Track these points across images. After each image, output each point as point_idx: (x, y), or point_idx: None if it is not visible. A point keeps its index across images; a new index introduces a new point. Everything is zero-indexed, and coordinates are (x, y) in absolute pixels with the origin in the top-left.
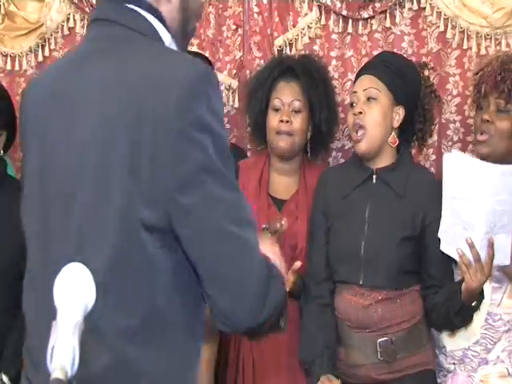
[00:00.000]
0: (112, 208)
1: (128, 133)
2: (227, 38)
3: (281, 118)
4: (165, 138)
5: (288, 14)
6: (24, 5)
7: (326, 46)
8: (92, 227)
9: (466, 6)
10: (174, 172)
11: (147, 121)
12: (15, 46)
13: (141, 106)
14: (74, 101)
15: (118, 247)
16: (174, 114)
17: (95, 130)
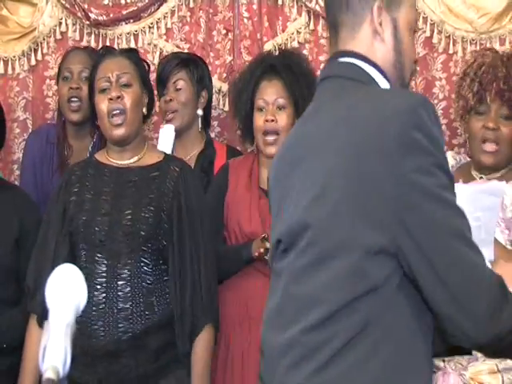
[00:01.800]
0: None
1: (348, 170)
2: (217, 43)
3: (266, 117)
4: (390, 169)
5: (277, 19)
6: (16, 9)
7: (315, 51)
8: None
9: (451, 11)
10: (399, 199)
11: (369, 156)
12: (8, 49)
13: (361, 144)
14: (303, 149)
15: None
16: (393, 144)
17: (320, 171)
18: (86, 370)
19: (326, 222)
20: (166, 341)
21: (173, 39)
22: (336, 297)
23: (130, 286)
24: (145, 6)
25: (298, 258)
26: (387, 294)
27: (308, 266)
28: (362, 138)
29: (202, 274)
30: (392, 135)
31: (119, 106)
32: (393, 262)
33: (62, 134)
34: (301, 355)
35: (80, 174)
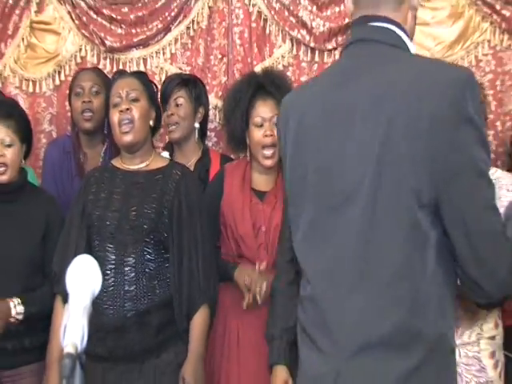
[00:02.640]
0: (396, 193)
1: (405, 132)
2: (214, 66)
3: (265, 133)
4: (441, 133)
5: (265, 46)
6: (43, 37)
7: (297, 73)
8: (379, 211)
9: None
10: (447, 160)
11: (424, 119)
12: (36, 72)
13: (416, 107)
14: (349, 112)
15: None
16: (448, 112)
17: (374, 133)
18: (97, 343)
19: (390, 174)
20: (166, 319)
21: (176, 63)
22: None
23: (135, 272)
24: (153, 35)
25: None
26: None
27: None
28: (414, 106)
29: (199, 262)
30: (450, 102)
31: (128, 117)
32: (436, 219)
33: (77, 143)
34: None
35: (97, 177)
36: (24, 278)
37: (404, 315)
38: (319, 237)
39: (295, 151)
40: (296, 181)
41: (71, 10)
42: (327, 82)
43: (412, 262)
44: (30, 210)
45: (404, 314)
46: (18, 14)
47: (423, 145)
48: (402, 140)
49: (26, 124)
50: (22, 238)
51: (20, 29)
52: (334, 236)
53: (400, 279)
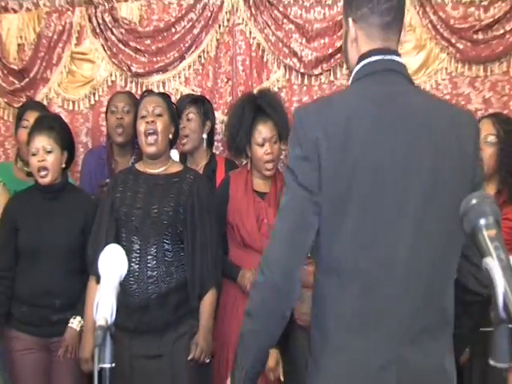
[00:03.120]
0: (448, 198)
1: (455, 150)
2: (221, 88)
3: (266, 151)
4: (471, 160)
5: (263, 71)
6: (81, 65)
7: (290, 94)
8: (428, 210)
9: None
10: (474, 179)
11: (464, 144)
12: (75, 93)
13: (458, 132)
14: (398, 126)
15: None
16: (474, 143)
17: (424, 146)
18: (125, 318)
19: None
20: (182, 299)
21: (189, 85)
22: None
23: (156, 260)
24: (170, 62)
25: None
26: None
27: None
28: (457, 131)
29: (208, 252)
30: (473, 137)
31: (152, 127)
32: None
33: (110, 152)
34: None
35: (123, 178)
36: (66, 262)
37: (442, 306)
38: (370, 238)
39: (340, 159)
40: (342, 179)
41: (104, 42)
42: (365, 103)
43: (452, 267)
44: (71, 207)
45: (442, 305)
46: (61, 46)
47: (459, 173)
48: (448, 171)
49: (67, 135)
50: (64, 230)
51: (62, 58)
52: (386, 239)
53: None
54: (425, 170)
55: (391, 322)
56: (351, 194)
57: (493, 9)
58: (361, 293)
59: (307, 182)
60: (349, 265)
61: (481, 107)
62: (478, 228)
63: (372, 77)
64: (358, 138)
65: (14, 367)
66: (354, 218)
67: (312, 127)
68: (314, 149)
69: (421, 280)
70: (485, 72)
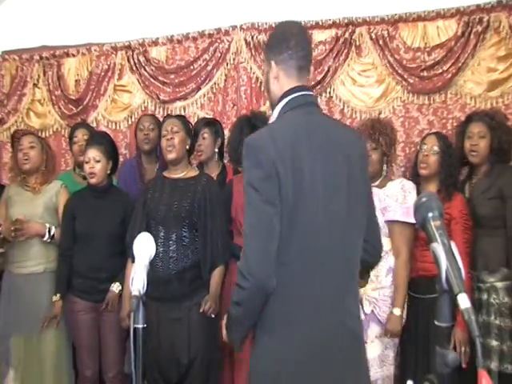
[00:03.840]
0: (361, 197)
1: (359, 162)
2: (228, 111)
3: None
4: (365, 168)
5: (261, 99)
6: (122, 95)
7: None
8: (354, 205)
9: (354, 95)
10: (367, 181)
11: (361, 157)
12: (116, 117)
13: (356, 149)
14: (317, 146)
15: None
16: (365, 155)
17: (342, 158)
18: (153, 289)
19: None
20: (196, 275)
21: (204, 110)
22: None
23: (176, 244)
24: (189, 92)
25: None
26: None
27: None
28: (356, 148)
29: (217, 238)
30: (364, 151)
31: (171, 143)
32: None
33: (140, 161)
34: None
35: (153, 183)
36: (110, 245)
37: (356, 275)
38: (314, 232)
39: (293, 172)
40: (294, 191)
41: (138, 77)
42: (300, 130)
43: (360, 248)
44: (114, 203)
45: (356, 275)
46: (107, 81)
47: (365, 183)
48: (358, 178)
49: (112, 148)
50: (108, 220)
51: (108, 90)
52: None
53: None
54: (345, 182)
55: (332, 293)
56: (299, 205)
57: (434, 54)
58: (307, 273)
59: (272, 198)
60: (297, 259)
61: (426, 127)
62: (427, 220)
63: (299, 109)
64: (302, 157)
65: (73, 324)
66: (302, 222)
67: (269, 151)
68: (273, 169)
69: (348, 259)
70: (429, 101)
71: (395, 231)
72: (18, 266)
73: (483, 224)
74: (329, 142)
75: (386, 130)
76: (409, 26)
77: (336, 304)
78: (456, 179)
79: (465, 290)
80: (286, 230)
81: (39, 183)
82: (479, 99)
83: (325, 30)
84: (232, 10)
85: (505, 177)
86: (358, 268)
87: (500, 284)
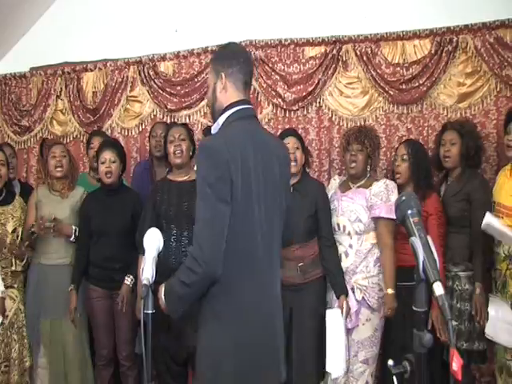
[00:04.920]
0: (284, 192)
1: (284, 167)
2: None
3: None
4: (289, 174)
5: (257, 108)
6: (133, 105)
7: (276, 123)
8: (273, 206)
9: (341, 105)
10: (288, 179)
11: (285, 159)
12: (129, 124)
13: (281, 152)
14: (258, 151)
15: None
16: (288, 157)
17: (275, 160)
18: (161, 277)
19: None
20: None
21: (207, 118)
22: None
23: (188, 240)
24: (193, 102)
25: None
26: None
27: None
28: (284, 155)
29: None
30: (287, 158)
31: (179, 149)
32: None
33: (151, 164)
34: None
35: (161, 185)
36: (122, 237)
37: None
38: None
39: (242, 173)
40: (242, 192)
41: (148, 89)
42: (248, 139)
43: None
44: (124, 200)
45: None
46: (120, 92)
47: (286, 178)
48: (283, 181)
49: (122, 152)
50: (120, 215)
51: (121, 100)
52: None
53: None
54: (277, 176)
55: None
56: (245, 204)
57: (411, 69)
58: (248, 263)
59: (225, 196)
60: (241, 246)
61: (405, 134)
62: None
63: (244, 119)
64: (248, 160)
65: (91, 309)
66: (247, 221)
67: (223, 154)
68: (227, 170)
69: (278, 249)
70: (407, 110)
71: (381, 226)
72: (45, 257)
73: (452, 223)
74: (266, 148)
75: (371, 135)
76: (389, 44)
77: (270, 287)
78: (429, 180)
79: (440, 279)
80: (235, 224)
81: (67, 189)
82: (451, 110)
83: (315, 47)
84: (232, 28)
85: (473, 183)
86: (279, 260)
87: (462, 273)
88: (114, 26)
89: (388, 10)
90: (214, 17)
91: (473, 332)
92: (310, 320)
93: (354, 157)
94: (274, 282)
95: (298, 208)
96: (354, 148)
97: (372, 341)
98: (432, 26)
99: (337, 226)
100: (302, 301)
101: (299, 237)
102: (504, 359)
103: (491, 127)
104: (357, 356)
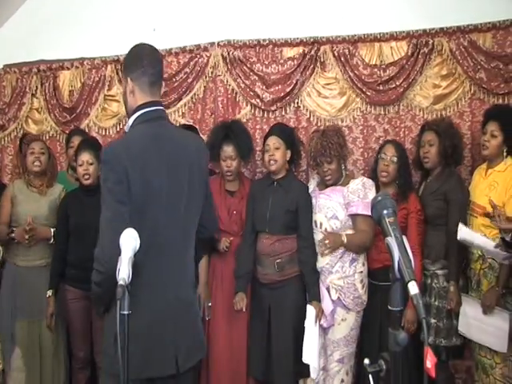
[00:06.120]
0: (198, 195)
1: (198, 164)
2: (207, 119)
3: (227, 165)
4: (205, 171)
5: (236, 108)
6: (111, 104)
7: (254, 124)
8: (192, 203)
9: (319, 105)
10: (206, 181)
11: (202, 160)
12: (106, 124)
13: (199, 154)
14: (164, 154)
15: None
16: (205, 162)
17: (185, 163)
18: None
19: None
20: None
21: (185, 117)
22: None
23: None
24: (172, 101)
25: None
26: None
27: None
28: (197, 155)
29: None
30: (207, 155)
31: None
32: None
33: None
34: None
35: None
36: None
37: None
38: (164, 227)
39: (141, 177)
40: (142, 192)
41: None
42: (148, 141)
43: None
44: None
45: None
46: (98, 91)
47: (203, 180)
48: (196, 177)
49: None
50: (98, 216)
51: (98, 100)
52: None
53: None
54: (186, 182)
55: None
56: (147, 203)
57: (388, 70)
58: (153, 262)
59: (123, 199)
60: (145, 249)
61: (382, 135)
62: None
63: (151, 122)
64: (150, 165)
65: (66, 311)
66: (150, 220)
67: (122, 159)
68: (125, 174)
69: (184, 249)
70: (384, 111)
71: (359, 222)
72: (22, 259)
73: (429, 221)
74: (175, 151)
75: (333, 140)
76: (367, 45)
77: (175, 283)
78: (410, 180)
79: (414, 278)
80: (136, 224)
81: (46, 186)
82: (426, 111)
83: (293, 48)
84: (210, 28)
85: (450, 182)
86: (193, 251)
87: (440, 272)
88: (91, 24)
89: (365, 11)
90: (193, 16)
91: (451, 329)
92: (289, 319)
93: (327, 171)
94: (179, 287)
95: (278, 201)
96: (323, 163)
97: (347, 340)
98: (408, 28)
99: (314, 223)
100: (280, 299)
101: (277, 229)
102: (479, 356)
103: (466, 128)
104: (332, 355)
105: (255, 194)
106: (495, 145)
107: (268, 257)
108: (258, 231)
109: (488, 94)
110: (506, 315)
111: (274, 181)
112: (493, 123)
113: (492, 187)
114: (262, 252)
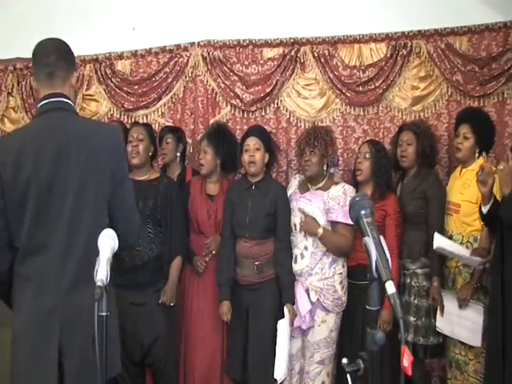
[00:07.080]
0: (98, 191)
1: (95, 165)
2: (186, 119)
3: (200, 160)
4: (112, 160)
5: (216, 108)
6: (90, 103)
7: (234, 124)
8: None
9: (298, 106)
10: (117, 174)
11: (107, 149)
12: None
13: (106, 144)
14: (58, 153)
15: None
16: (116, 149)
17: (84, 156)
18: (120, 278)
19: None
20: (158, 266)
21: (165, 117)
22: None
23: (141, 239)
24: (151, 101)
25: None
26: None
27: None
28: (96, 145)
29: (176, 233)
30: (115, 147)
31: (136, 149)
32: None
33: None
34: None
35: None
36: None
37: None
38: (44, 221)
39: (15, 175)
40: (17, 194)
41: (105, 88)
42: (35, 134)
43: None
44: None
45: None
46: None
47: (105, 171)
48: (93, 170)
49: None
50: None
51: (77, 99)
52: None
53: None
54: (77, 177)
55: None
56: (26, 200)
57: (367, 72)
58: (33, 262)
59: None
60: (26, 243)
61: (361, 135)
62: (360, 217)
63: (43, 115)
64: (29, 161)
65: None
66: (30, 214)
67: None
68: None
69: (78, 248)
70: (364, 112)
71: (338, 229)
72: None
73: (409, 220)
74: (66, 143)
75: (321, 135)
76: (346, 46)
77: (58, 283)
78: (388, 180)
79: (391, 278)
80: (14, 223)
81: None
82: (405, 112)
83: (273, 48)
84: (190, 28)
85: (428, 181)
86: (91, 248)
87: (420, 270)
88: (69, 22)
89: (345, 13)
90: (173, 16)
91: (429, 328)
92: (267, 320)
93: (308, 161)
94: (64, 288)
95: (257, 205)
96: (306, 152)
97: (328, 341)
98: (388, 30)
99: (293, 226)
100: (258, 300)
101: (256, 233)
102: (453, 353)
103: (443, 130)
104: (313, 357)
105: (232, 198)
106: (468, 147)
107: (247, 259)
108: (237, 236)
109: (464, 96)
110: (480, 308)
111: (252, 184)
112: (464, 126)
113: (466, 185)
114: (240, 255)
